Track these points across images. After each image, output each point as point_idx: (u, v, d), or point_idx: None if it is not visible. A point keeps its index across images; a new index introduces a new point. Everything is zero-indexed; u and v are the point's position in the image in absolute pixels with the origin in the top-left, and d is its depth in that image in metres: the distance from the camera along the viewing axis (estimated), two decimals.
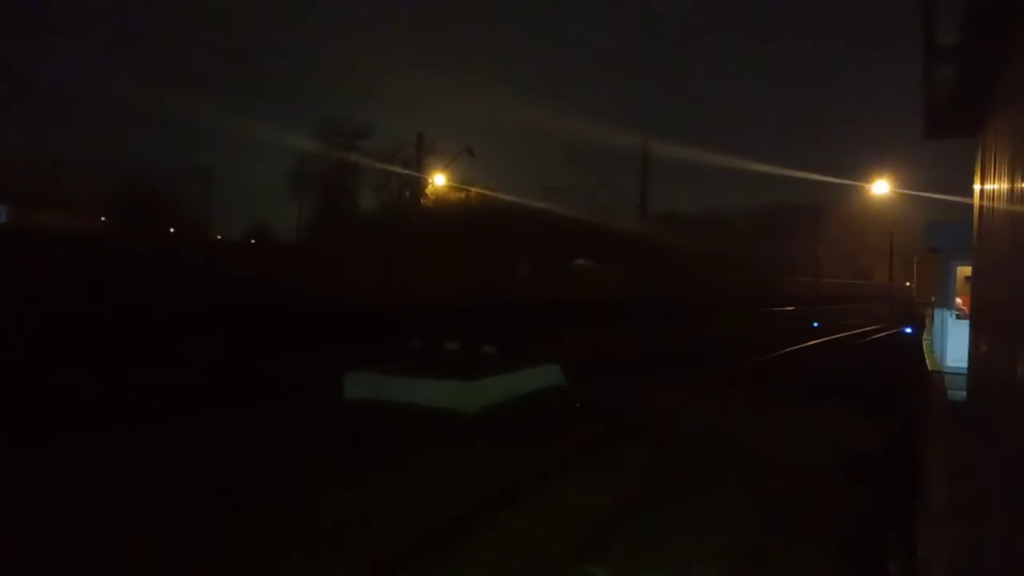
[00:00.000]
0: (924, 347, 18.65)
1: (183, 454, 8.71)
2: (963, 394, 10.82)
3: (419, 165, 38.05)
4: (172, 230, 41.77)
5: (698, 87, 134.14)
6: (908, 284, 69.68)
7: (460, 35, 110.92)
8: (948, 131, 8.66)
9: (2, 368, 11.67)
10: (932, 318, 18.70)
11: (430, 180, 42.14)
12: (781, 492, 8.01)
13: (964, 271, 14.71)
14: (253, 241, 44.16)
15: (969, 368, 10.43)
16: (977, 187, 9.33)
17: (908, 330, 30.31)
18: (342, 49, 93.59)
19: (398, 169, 44.94)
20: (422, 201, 43.45)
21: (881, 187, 39.20)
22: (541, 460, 8.83)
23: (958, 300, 15.29)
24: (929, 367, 15.31)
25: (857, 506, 7.55)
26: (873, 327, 38.13)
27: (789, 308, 50.29)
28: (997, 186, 6.76)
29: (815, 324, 37.17)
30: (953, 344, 14.61)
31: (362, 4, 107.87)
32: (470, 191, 47.12)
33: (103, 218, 42.38)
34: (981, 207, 9.06)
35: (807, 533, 6.75)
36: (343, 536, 6.23)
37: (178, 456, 8.63)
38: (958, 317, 14.79)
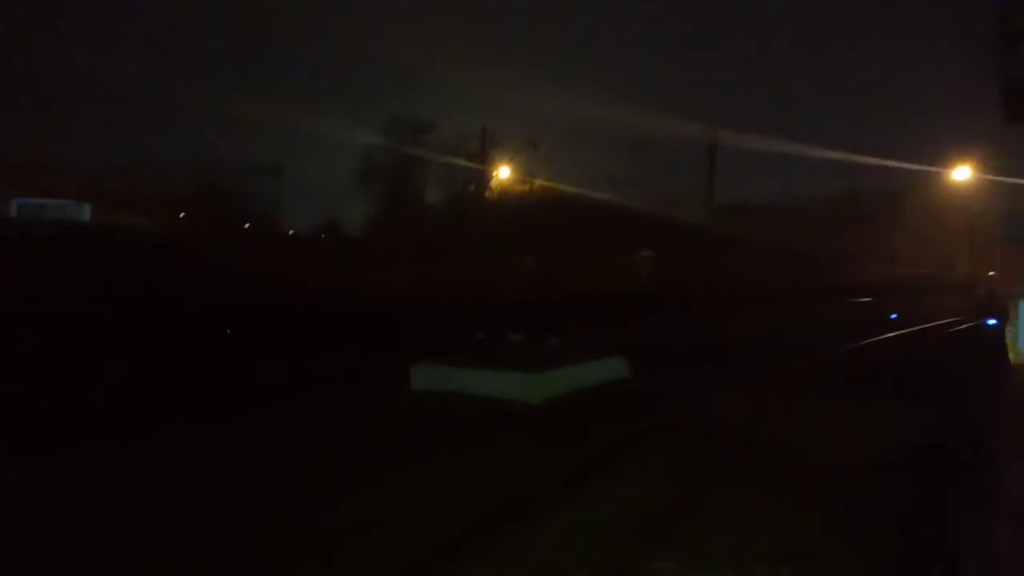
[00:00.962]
0: (1007, 339, 17.88)
1: (210, 452, 8.81)
2: None
3: (484, 158, 38.31)
4: (247, 225, 43.32)
5: (770, 75, 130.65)
6: (991, 274, 66.58)
7: (518, 26, 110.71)
8: None
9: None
10: (1017, 309, 17.93)
11: (495, 173, 42.49)
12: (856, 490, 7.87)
13: None
14: (323, 236, 45.25)
15: None
16: None
17: (991, 322, 29.05)
18: (399, 42, 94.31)
19: (463, 162, 45.37)
20: (486, 194, 43.84)
21: (962, 173, 37.64)
22: (608, 447, 8.89)
23: None
24: (1013, 360, 14.72)
25: (930, 503, 7.35)
26: (954, 318, 36.63)
27: (866, 299, 48.73)
28: None
29: (893, 316, 35.92)
30: None
31: None
32: (533, 184, 47.22)
33: (181, 214, 44.30)
34: None
35: (879, 536, 6.63)
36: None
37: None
38: None
